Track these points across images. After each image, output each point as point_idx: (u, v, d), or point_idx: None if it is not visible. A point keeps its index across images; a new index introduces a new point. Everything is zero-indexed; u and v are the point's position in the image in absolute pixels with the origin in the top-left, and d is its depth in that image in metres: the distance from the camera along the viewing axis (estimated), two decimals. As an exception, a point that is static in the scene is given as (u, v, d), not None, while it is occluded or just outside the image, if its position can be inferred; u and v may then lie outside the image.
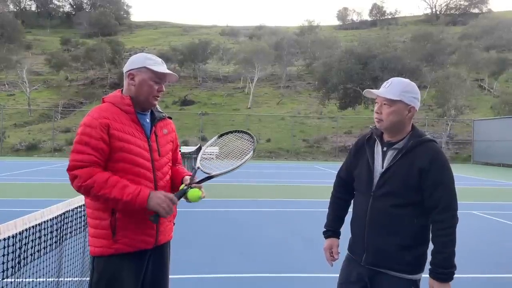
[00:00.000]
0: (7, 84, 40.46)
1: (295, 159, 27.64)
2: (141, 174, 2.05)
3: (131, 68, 2.12)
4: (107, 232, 2.01)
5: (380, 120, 2.08)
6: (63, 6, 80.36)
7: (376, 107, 2.11)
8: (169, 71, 2.14)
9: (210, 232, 6.51)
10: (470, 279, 4.57)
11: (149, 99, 2.11)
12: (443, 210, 1.95)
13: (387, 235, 2.03)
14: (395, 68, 29.82)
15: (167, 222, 2.19)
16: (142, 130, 2.11)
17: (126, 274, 2.03)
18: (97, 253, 2.04)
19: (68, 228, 3.11)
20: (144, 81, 2.09)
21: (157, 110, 2.22)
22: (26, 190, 11.11)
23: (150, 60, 2.11)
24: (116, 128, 2.01)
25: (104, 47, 44.23)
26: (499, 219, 8.21)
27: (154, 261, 2.16)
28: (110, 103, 2.10)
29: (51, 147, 27.29)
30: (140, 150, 2.06)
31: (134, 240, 2.03)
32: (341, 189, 2.36)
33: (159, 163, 2.14)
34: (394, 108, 2.03)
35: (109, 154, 2.01)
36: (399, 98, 2.02)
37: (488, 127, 26.62)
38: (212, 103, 38.75)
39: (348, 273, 2.19)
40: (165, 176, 2.18)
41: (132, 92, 2.11)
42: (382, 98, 2.06)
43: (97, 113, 2.03)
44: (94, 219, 2.05)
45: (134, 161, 2.04)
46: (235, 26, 73.29)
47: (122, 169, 2.02)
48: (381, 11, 79.12)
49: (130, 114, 2.09)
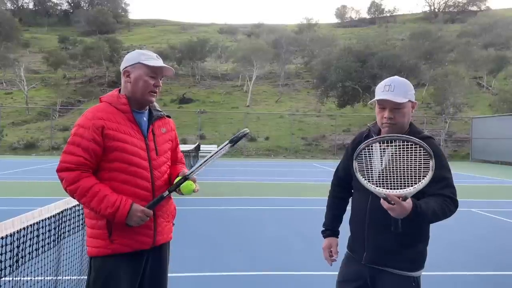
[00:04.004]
0: (4, 82, 40.34)
1: (294, 157, 27.64)
2: (137, 174, 2.03)
3: (126, 66, 2.11)
4: (104, 232, 2.00)
5: (393, 124, 2.04)
6: (60, 4, 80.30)
7: (387, 113, 2.03)
8: (164, 64, 2.12)
9: (209, 230, 6.51)
10: (468, 277, 4.58)
11: (145, 95, 2.09)
12: (447, 197, 1.93)
13: (387, 233, 2.01)
14: (393, 66, 29.82)
15: (165, 223, 2.17)
16: (138, 129, 2.09)
17: (123, 274, 2.02)
18: (94, 254, 2.03)
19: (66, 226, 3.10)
20: (139, 76, 2.07)
21: (155, 109, 2.21)
22: (24, 189, 11.09)
23: (144, 55, 2.10)
24: (111, 128, 2.00)
25: (102, 45, 44.09)
26: (497, 216, 8.22)
27: (152, 262, 2.14)
28: (107, 102, 2.10)
29: (49, 145, 27.25)
30: (137, 149, 2.05)
31: (131, 240, 2.02)
32: (339, 188, 2.36)
33: (157, 162, 2.12)
34: (404, 110, 2.05)
35: (103, 154, 2.00)
36: (406, 99, 2.03)
37: (487, 125, 26.67)
38: (211, 101, 38.71)
39: (348, 271, 2.19)
40: (163, 176, 2.16)
41: (128, 90, 2.10)
42: (392, 103, 2.02)
43: (92, 114, 2.03)
44: (91, 219, 2.05)
45: (130, 161, 2.02)
46: (234, 24, 73.25)
47: (118, 169, 2.00)
48: (379, 9, 79.08)
49: (126, 113, 2.07)
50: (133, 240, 2.03)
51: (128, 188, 2.02)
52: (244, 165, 19.74)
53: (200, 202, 8.75)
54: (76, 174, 1.95)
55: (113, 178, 2.01)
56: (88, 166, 1.98)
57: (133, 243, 2.03)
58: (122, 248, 2.01)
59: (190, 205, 8.19)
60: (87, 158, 1.97)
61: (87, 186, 1.93)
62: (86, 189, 1.92)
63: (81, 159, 1.96)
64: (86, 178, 1.95)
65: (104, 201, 1.91)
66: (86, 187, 1.92)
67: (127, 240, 2.01)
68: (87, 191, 1.92)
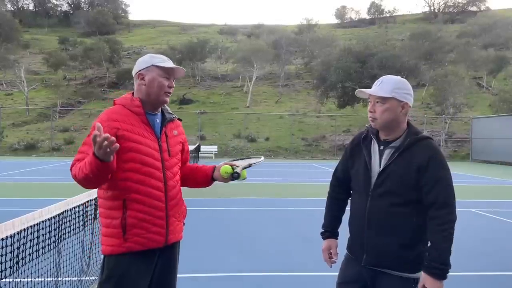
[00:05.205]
0: (5, 83, 40.34)
1: (294, 157, 27.65)
2: (151, 174, 2.09)
3: (140, 69, 2.18)
4: (118, 231, 2.04)
5: (374, 118, 2.07)
6: (61, 5, 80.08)
7: (370, 106, 2.10)
8: (176, 65, 2.20)
9: (209, 231, 6.51)
10: (467, 277, 4.58)
11: (160, 96, 2.16)
12: (441, 207, 1.95)
13: (387, 234, 2.02)
14: (393, 66, 29.84)
15: (177, 222, 2.22)
16: (152, 130, 2.15)
17: (136, 272, 2.07)
18: (108, 252, 2.07)
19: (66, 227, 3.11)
20: (154, 78, 2.15)
21: (167, 112, 2.28)
22: (24, 190, 11.09)
23: (157, 58, 2.18)
24: (125, 129, 2.06)
25: (102, 46, 44.07)
26: (497, 217, 8.22)
27: (163, 260, 2.19)
28: (121, 105, 2.16)
29: (49, 146, 27.25)
30: (150, 150, 2.10)
31: (144, 239, 2.07)
32: (338, 189, 2.34)
33: (169, 163, 2.18)
34: (387, 106, 2.03)
35: (117, 155, 2.04)
36: (391, 95, 2.02)
37: (486, 125, 26.66)
38: (211, 102, 38.71)
39: (348, 273, 2.18)
40: (175, 176, 2.22)
41: (143, 92, 2.16)
42: (374, 96, 2.06)
43: (106, 115, 2.09)
44: (106, 218, 2.09)
45: (144, 161, 2.08)
46: (234, 25, 73.23)
47: (132, 169, 2.06)
48: (379, 9, 79.05)
49: (140, 115, 2.13)
50: (146, 238, 2.07)
51: (142, 188, 2.07)
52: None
53: (200, 202, 8.75)
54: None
55: (128, 178, 2.06)
56: None
57: (146, 242, 2.07)
58: (136, 247, 2.05)
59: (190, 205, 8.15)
60: None
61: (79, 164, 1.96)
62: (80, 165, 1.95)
63: None
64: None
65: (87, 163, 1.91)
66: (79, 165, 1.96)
67: (141, 239, 2.06)
68: (82, 166, 1.94)
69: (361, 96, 2.19)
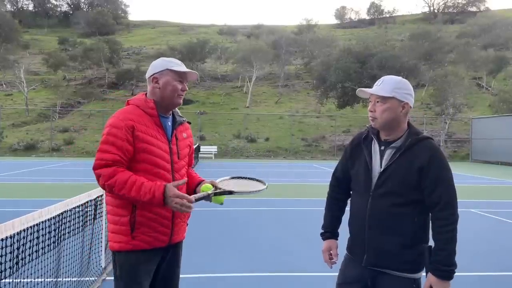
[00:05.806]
0: (4, 84, 40.34)
1: (294, 158, 27.65)
2: (160, 175, 2.12)
3: (154, 72, 2.21)
4: (127, 228, 2.09)
5: (374, 118, 2.07)
6: (60, 5, 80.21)
7: (370, 106, 2.10)
8: (190, 69, 2.25)
9: (210, 232, 6.51)
10: (468, 277, 4.58)
11: (174, 99, 2.20)
12: (444, 208, 1.95)
13: (388, 234, 2.02)
14: (393, 66, 29.84)
15: (182, 222, 2.26)
16: (164, 133, 2.20)
17: (143, 270, 2.13)
18: (116, 248, 2.12)
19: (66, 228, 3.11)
20: (168, 82, 2.19)
21: (178, 115, 2.31)
22: (24, 190, 11.09)
23: (171, 62, 2.23)
24: (140, 130, 2.10)
25: (102, 47, 44.05)
26: (497, 217, 8.22)
27: (167, 260, 2.24)
28: (134, 105, 2.19)
29: (49, 147, 27.25)
30: (162, 152, 2.14)
31: (150, 238, 2.11)
32: (338, 189, 2.33)
33: (178, 165, 2.23)
34: (387, 105, 2.03)
35: (133, 154, 2.09)
36: (391, 94, 2.02)
37: (486, 125, 26.67)
38: (211, 102, 38.71)
39: (348, 273, 2.18)
40: (182, 178, 2.25)
41: (157, 95, 2.20)
42: (375, 96, 2.06)
43: (123, 115, 2.12)
44: (114, 215, 2.13)
45: (155, 163, 2.12)
46: (233, 25, 73.24)
47: (143, 170, 2.09)
48: (379, 9, 79.08)
49: (153, 117, 2.17)
50: (153, 237, 2.12)
51: None
52: (244, 166, 19.72)
53: (200, 202, 8.72)
54: (112, 169, 2.03)
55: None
56: (122, 164, 2.06)
57: (152, 241, 2.12)
58: (142, 245, 2.10)
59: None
60: (121, 156, 2.06)
61: (124, 178, 2.00)
62: (124, 181, 2.00)
63: (116, 157, 2.05)
64: (122, 172, 2.03)
65: (142, 188, 1.99)
66: (123, 179, 2.00)
67: (148, 237, 2.11)
68: (125, 183, 1.99)
69: (362, 96, 2.19)
